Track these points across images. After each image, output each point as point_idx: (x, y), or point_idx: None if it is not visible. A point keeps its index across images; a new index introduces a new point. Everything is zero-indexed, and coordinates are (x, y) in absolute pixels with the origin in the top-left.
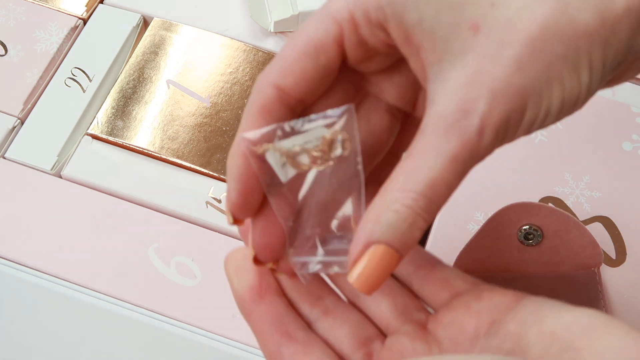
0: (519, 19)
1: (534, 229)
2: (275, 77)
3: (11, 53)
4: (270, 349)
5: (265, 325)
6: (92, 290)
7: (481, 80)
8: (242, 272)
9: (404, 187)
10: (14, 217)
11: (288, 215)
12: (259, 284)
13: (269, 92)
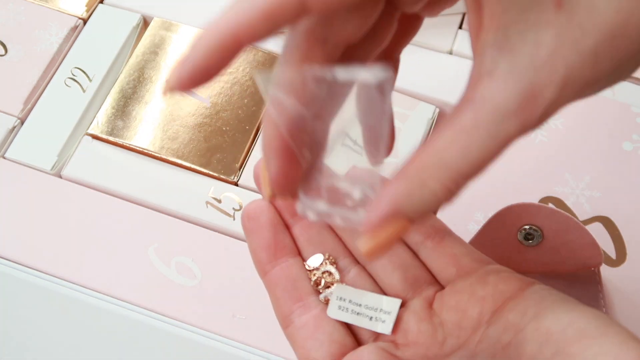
0: (605, 7)
1: (534, 229)
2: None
3: (11, 53)
4: (283, 314)
5: (279, 288)
6: (92, 290)
7: (556, 66)
8: (259, 230)
9: (446, 165)
10: (14, 217)
11: (306, 155)
12: (275, 243)
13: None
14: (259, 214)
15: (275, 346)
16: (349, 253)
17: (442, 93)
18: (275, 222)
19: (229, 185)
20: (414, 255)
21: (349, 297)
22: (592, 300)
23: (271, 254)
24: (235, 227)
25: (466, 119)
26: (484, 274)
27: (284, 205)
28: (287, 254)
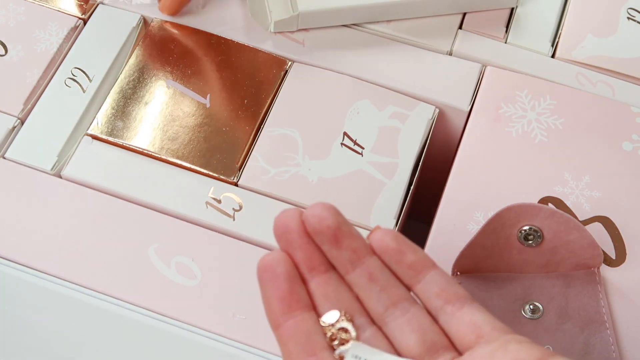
0: None
1: (534, 229)
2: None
3: (11, 53)
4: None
5: (291, 341)
6: (92, 290)
7: None
8: (275, 281)
9: None
10: (14, 217)
11: None
12: (290, 295)
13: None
14: (275, 265)
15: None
16: (366, 312)
17: (442, 93)
18: (292, 274)
19: (229, 185)
20: (432, 321)
21: (365, 355)
22: (592, 300)
23: (286, 306)
24: (235, 227)
25: None
26: (505, 342)
27: (302, 258)
28: (302, 308)
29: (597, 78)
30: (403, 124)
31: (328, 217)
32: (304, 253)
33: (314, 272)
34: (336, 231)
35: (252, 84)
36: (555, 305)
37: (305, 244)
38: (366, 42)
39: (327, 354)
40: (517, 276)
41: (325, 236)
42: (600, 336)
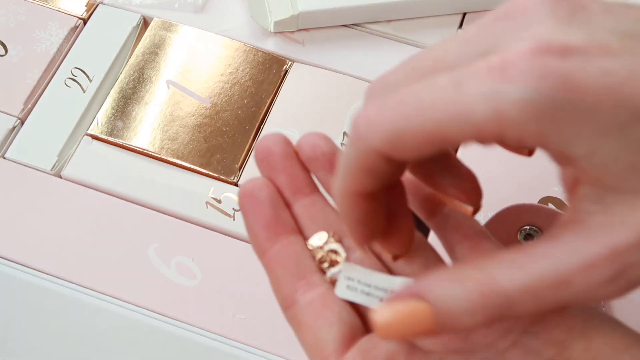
0: None
1: (534, 230)
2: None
3: (11, 53)
4: (284, 294)
5: (279, 266)
6: (92, 290)
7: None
8: (258, 207)
9: (490, 274)
10: (14, 217)
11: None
12: (275, 220)
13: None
14: (257, 191)
15: (275, 346)
16: None
17: None
18: (275, 198)
19: (229, 185)
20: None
21: (358, 276)
22: None
23: (271, 231)
24: (235, 227)
25: (538, 249)
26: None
27: (286, 181)
28: (288, 232)
29: None
30: None
31: (322, 144)
32: (287, 175)
33: (298, 194)
34: (331, 157)
35: (252, 84)
36: None
37: (289, 166)
38: (366, 42)
39: (317, 277)
40: None
41: (319, 163)
42: None
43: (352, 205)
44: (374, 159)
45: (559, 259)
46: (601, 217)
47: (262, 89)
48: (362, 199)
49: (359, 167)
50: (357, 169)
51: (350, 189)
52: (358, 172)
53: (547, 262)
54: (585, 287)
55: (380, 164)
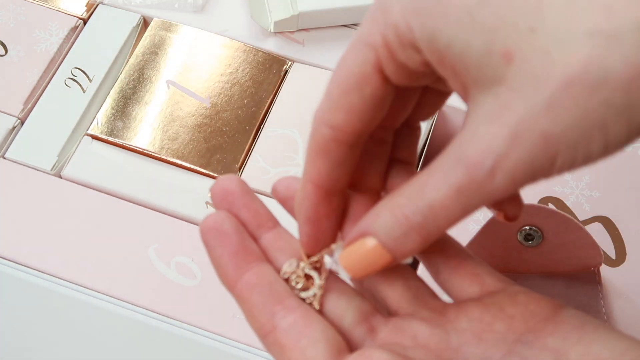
0: (560, 52)
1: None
2: (327, 116)
3: (11, 53)
4: (262, 322)
5: (254, 294)
6: (92, 290)
7: (505, 118)
8: (223, 238)
9: (410, 197)
10: (14, 217)
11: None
12: (243, 248)
13: (323, 132)
14: (221, 223)
15: None
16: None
17: None
18: (240, 229)
19: None
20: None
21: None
22: (592, 300)
23: (240, 259)
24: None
25: (436, 161)
26: (513, 293)
27: (248, 216)
28: (258, 260)
29: None
30: None
31: (296, 184)
32: (249, 211)
33: (262, 228)
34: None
35: (252, 84)
36: None
37: (249, 201)
38: None
39: (294, 300)
40: (517, 276)
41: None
42: None
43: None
44: (325, 135)
45: (449, 170)
46: (474, 117)
47: (262, 89)
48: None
49: (313, 149)
50: (311, 152)
51: (308, 177)
52: (313, 155)
53: (441, 175)
54: (474, 188)
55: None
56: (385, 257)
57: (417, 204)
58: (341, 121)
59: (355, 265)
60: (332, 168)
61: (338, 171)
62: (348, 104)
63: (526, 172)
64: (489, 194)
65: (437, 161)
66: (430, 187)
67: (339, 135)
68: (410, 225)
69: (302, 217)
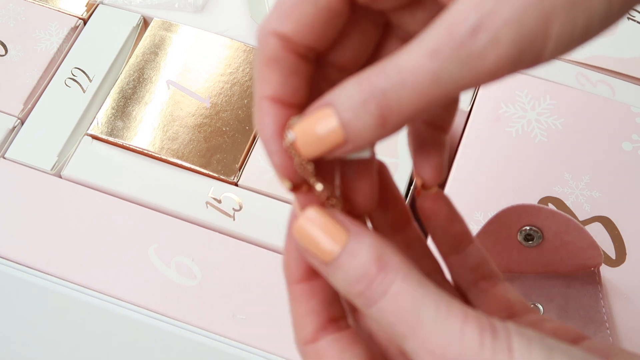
0: None
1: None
2: (275, 24)
3: (11, 53)
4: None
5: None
6: (92, 290)
7: None
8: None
9: (380, 66)
10: (14, 217)
11: None
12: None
13: (271, 42)
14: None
15: (275, 346)
16: None
17: None
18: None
19: (229, 185)
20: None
21: None
22: (592, 300)
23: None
24: (235, 227)
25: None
26: (540, 320)
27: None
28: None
29: (597, 78)
30: None
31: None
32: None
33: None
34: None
35: (252, 84)
36: (555, 305)
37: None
38: None
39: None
40: (517, 276)
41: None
42: (601, 336)
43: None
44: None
45: (426, 34)
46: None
47: None
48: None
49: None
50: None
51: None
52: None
53: (417, 40)
54: (450, 50)
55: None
56: (338, 133)
57: (384, 70)
58: (291, 31)
59: (307, 141)
60: (284, 78)
61: (292, 82)
62: (300, 14)
63: (514, 35)
64: (466, 62)
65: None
66: (402, 52)
67: (289, 45)
68: (372, 92)
69: (266, 136)
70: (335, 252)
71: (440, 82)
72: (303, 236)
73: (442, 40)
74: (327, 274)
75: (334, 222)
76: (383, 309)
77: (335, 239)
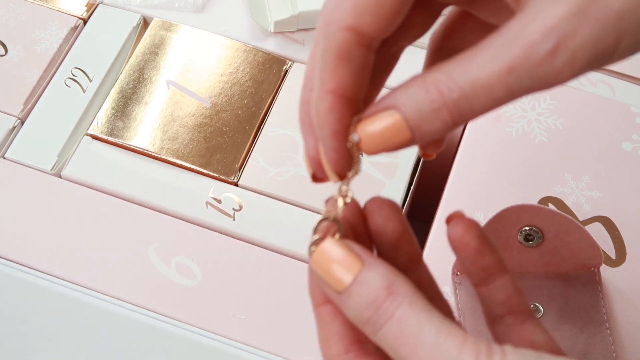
0: None
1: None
2: (350, 19)
3: (11, 53)
4: (334, 352)
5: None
6: (92, 290)
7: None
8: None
9: (449, 73)
10: (14, 217)
11: None
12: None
13: (345, 37)
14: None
15: (275, 346)
16: None
17: None
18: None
19: (229, 185)
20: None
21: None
22: (592, 300)
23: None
24: (235, 227)
25: (485, 40)
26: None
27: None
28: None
29: (597, 78)
30: None
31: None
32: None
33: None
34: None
35: (252, 84)
36: (555, 305)
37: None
38: None
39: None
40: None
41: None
42: (601, 336)
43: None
44: (347, 39)
45: (502, 47)
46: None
47: (262, 89)
48: (343, 103)
49: (334, 55)
50: (331, 59)
51: (328, 87)
52: (333, 63)
53: (491, 52)
54: (528, 68)
55: (354, 47)
56: (405, 134)
57: (456, 80)
58: (368, 24)
59: (371, 139)
60: (355, 75)
61: (361, 77)
62: (377, 4)
63: (589, 54)
64: (542, 77)
65: (485, 41)
66: (476, 64)
67: (362, 39)
68: (444, 101)
69: (328, 132)
70: (347, 281)
71: (513, 92)
72: (319, 267)
73: (519, 58)
74: (340, 303)
75: (350, 253)
76: (388, 333)
77: (349, 269)
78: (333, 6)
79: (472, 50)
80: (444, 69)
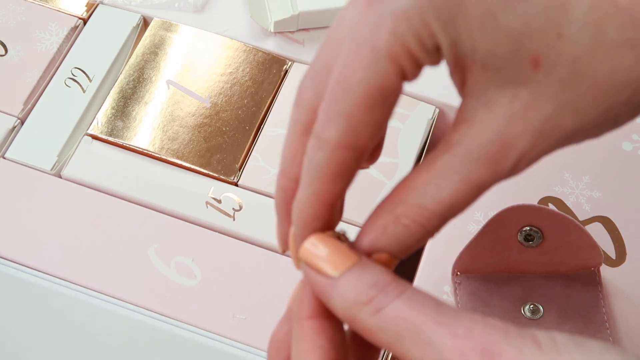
0: (588, 62)
1: (534, 230)
2: (348, 139)
3: (11, 53)
4: None
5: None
6: (92, 290)
7: (531, 118)
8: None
9: (418, 203)
10: (14, 217)
11: None
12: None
13: (344, 156)
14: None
15: None
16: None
17: (442, 93)
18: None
19: (229, 185)
20: None
21: None
22: (592, 300)
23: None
24: (235, 227)
25: (442, 161)
26: None
27: None
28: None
29: None
30: (403, 124)
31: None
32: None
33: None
34: None
35: (252, 84)
36: (555, 306)
37: None
38: None
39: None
40: (517, 276)
41: None
42: (601, 336)
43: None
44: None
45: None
46: (483, 112)
47: (262, 89)
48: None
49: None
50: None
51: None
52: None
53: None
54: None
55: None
56: (395, 263)
57: (432, 209)
58: (366, 140)
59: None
60: (348, 183)
61: (350, 181)
62: (373, 121)
63: (542, 158)
64: (503, 180)
65: (444, 160)
66: (446, 190)
67: (359, 155)
68: (427, 231)
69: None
70: (351, 261)
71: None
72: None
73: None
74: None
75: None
76: (398, 308)
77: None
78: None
79: (431, 175)
80: (409, 199)
